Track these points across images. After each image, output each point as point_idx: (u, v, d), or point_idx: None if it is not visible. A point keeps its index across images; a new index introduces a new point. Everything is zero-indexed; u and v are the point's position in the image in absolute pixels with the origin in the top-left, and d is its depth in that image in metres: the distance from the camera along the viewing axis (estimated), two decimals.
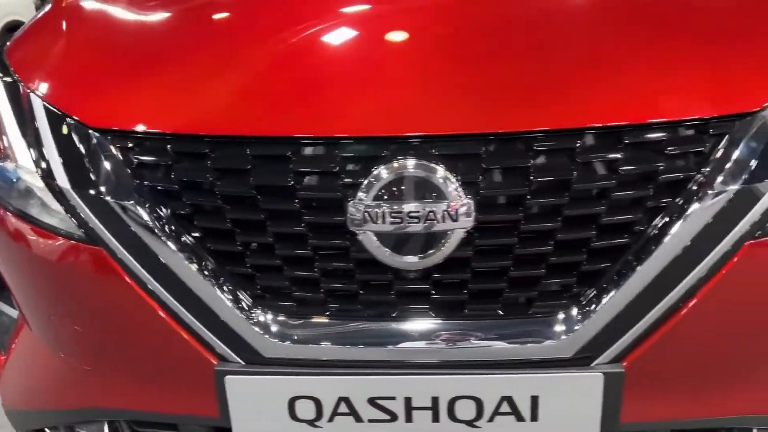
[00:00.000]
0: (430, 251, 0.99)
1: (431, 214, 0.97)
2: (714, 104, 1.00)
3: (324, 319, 1.07)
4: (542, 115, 0.99)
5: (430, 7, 1.20)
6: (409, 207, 0.97)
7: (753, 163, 0.98)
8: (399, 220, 0.97)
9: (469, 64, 1.06)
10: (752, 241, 1.00)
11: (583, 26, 1.14)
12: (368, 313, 1.06)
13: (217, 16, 1.28)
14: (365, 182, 0.97)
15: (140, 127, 1.05)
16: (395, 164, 0.97)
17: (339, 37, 1.14)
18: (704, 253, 0.99)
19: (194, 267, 1.05)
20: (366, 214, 0.97)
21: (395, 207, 0.97)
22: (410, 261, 1.00)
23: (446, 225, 0.97)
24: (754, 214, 0.98)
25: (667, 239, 0.98)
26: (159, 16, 1.33)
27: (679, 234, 0.98)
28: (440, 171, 0.97)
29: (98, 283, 1.10)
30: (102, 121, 1.07)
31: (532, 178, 0.97)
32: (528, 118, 0.99)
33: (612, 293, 1.00)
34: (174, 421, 1.18)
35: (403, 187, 0.97)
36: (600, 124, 0.98)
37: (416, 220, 0.97)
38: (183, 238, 1.05)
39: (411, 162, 0.97)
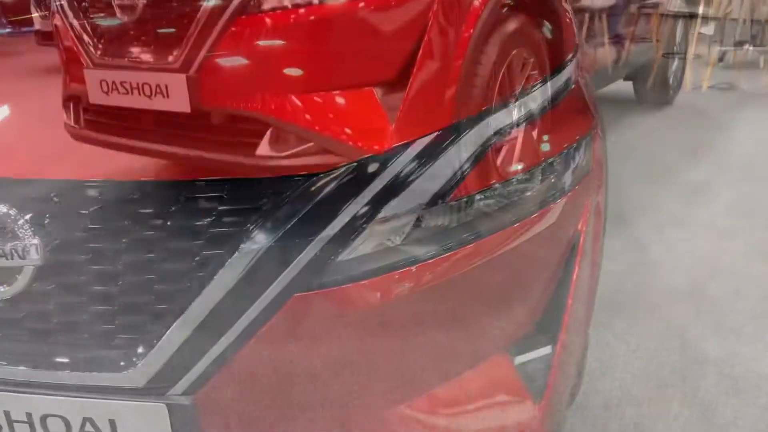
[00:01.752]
0: (6, 284, 1.09)
1: (1, 250, 1.07)
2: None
3: None
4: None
5: None
6: None
7: (293, 221, 1.05)
8: None
9: None
10: (299, 294, 1.06)
11: None
12: None
13: None
14: None
15: None
16: None
17: None
18: (248, 303, 1.06)
19: None
20: None
21: None
22: None
23: (14, 262, 1.07)
24: (294, 267, 1.05)
25: (209, 288, 1.06)
26: None
27: (219, 284, 1.05)
28: (8, 211, 1.07)
29: None
30: None
31: (89, 224, 1.06)
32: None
33: (169, 332, 1.09)
34: None
35: None
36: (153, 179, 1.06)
37: None
38: None
39: None
